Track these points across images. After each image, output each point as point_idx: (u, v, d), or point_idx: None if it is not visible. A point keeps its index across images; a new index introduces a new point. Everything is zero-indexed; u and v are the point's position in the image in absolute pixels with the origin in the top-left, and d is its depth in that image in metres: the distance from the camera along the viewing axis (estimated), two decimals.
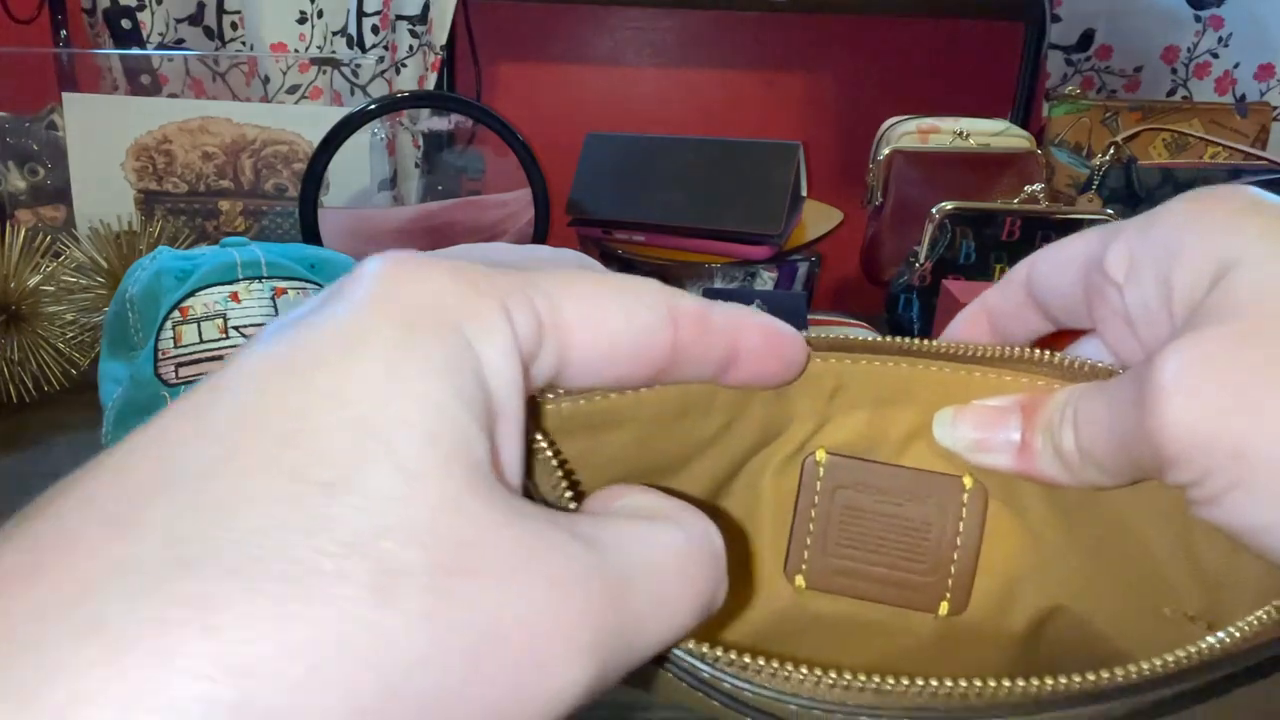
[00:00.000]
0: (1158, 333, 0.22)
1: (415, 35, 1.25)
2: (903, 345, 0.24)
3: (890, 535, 0.26)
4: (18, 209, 0.98)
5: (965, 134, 1.05)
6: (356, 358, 0.14)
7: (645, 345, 0.19)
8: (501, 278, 0.17)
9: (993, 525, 0.26)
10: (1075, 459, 0.22)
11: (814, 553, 0.26)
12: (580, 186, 1.02)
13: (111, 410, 0.55)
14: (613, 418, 0.21)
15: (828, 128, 1.50)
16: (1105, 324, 0.24)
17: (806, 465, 0.26)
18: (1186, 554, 0.22)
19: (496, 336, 0.16)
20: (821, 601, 0.27)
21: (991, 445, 0.24)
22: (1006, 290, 0.27)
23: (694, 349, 0.20)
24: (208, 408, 0.14)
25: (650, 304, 0.19)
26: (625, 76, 1.51)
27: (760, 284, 0.94)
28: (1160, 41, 1.33)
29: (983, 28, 1.48)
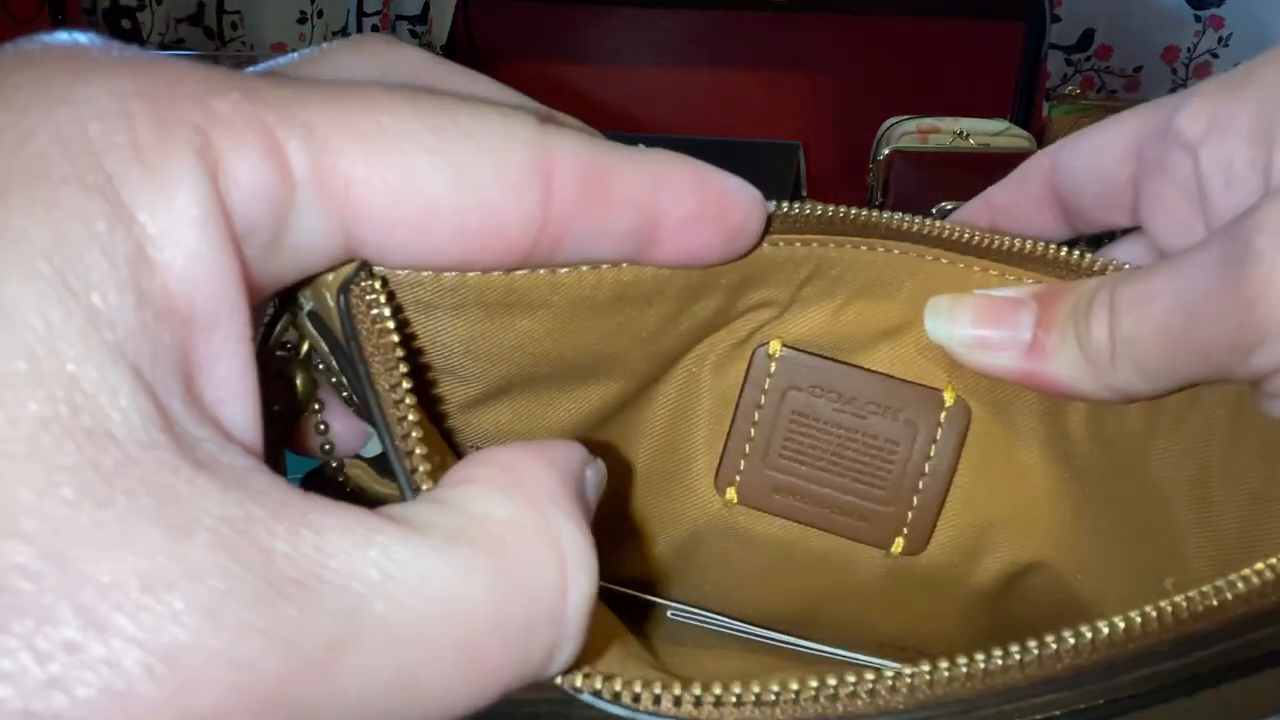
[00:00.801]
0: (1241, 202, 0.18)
1: (415, 35, 1.25)
2: (900, 226, 0.20)
3: (845, 452, 0.22)
4: None
5: (965, 134, 1.05)
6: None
7: (489, 217, 0.13)
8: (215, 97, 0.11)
9: (972, 455, 0.21)
10: (1106, 354, 0.18)
11: (751, 463, 0.22)
12: None
13: None
14: (520, 298, 0.16)
15: (828, 128, 1.50)
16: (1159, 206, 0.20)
17: (756, 357, 0.21)
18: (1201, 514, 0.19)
19: (179, 197, 0.10)
20: (754, 521, 0.22)
21: (994, 343, 0.19)
22: (1021, 184, 0.23)
23: (584, 219, 0.14)
24: None
25: (502, 149, 0.13)
26: (625, 76, 1.51)
27: None
28: (1160, 41, 1.33)
29: (983, 28, 1.48)
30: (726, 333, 0.21)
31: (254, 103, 0.11)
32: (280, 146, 0.11)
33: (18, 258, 0.09)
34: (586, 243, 0.14)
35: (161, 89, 0.10)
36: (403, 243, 0.12)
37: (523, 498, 0.12)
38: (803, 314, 0.21)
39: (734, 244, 0.17)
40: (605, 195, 0.14)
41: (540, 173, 0.13)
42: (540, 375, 0.18)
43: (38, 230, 0.09)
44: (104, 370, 0.09)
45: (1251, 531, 0.18)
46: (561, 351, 0.18)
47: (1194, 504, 0.19)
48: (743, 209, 0.17)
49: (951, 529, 0.22)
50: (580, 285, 0.16)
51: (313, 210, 0.11)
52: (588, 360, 0.19)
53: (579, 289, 0.16)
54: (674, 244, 0.15)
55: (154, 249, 0.10)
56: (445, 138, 0.12)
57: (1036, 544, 0.22)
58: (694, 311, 0.19)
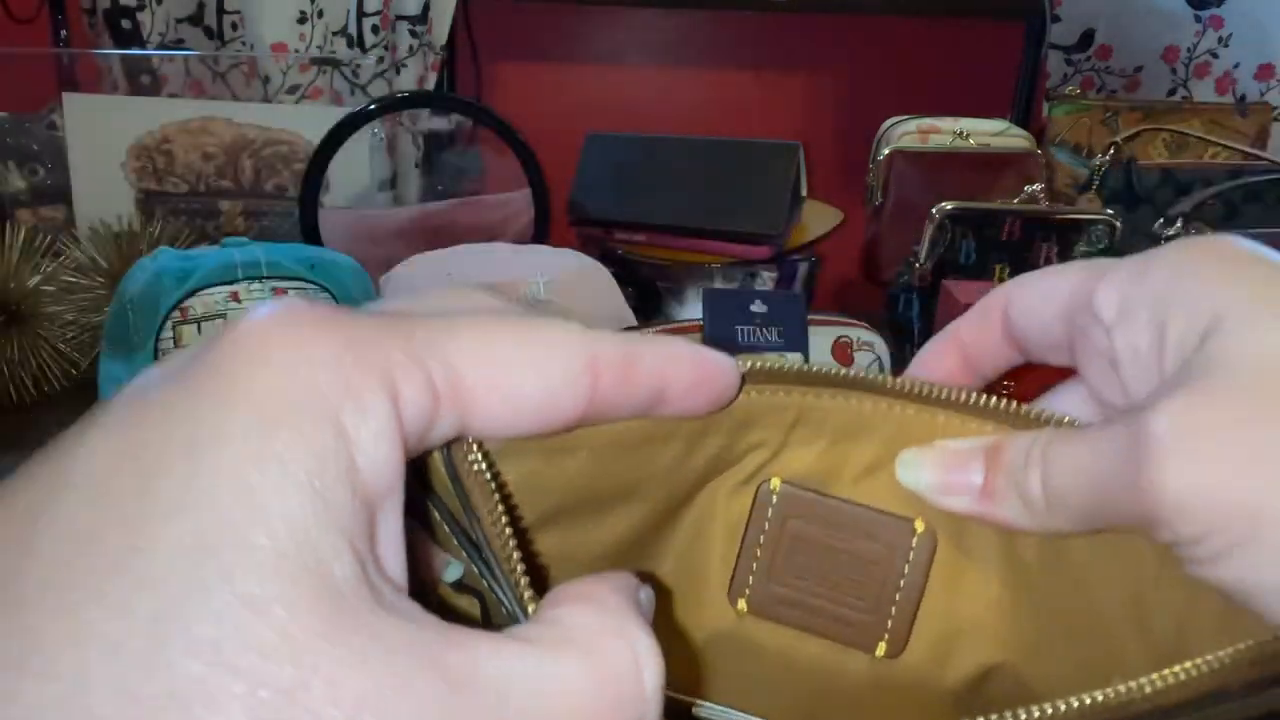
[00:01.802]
0: (1146, 378, 0.22)
1: (415, 35, 1.25)
2: (868, 381, 0.24)
3: (835, 569, 0.26)
4: (18, 209, 0.98)
5: (965, 134, 1.05)
6: (206, 463, 0.13)
7: (559, 400, 0.17)
8: (396, 346, 0.15)
9: (940, 572, 0.26)
10: (1041, 503, 0.21)
11: (759, 578, 0.26)
12: (580, 186, 1.02)
13: None
14: (566, 443, 0.20)
15: (828, 128, 1.50)
16: (1089, 364, 0.24)
17: (760, 491, 0.26)
18: (1139, 624, 0.22)
19: (373, 419, 0.14)
20: (762, 629, 0.27)
21: (953, 487, 0.23)
22: (983, 322, 0.26)
23: (617, 395, 0.18)
24: (40, 513, 0.13)
25: (565, 356, 0.17)
26: (625, 76, 1.51)
27: (760, 284, 0.94)
28: (1160, 41, 1.33)
29: (983, 28, 1.48)
30: (735, 470, 0.26)
31: (415, 347, 0.15)
32: (431, 378, 0.15)
33: (289, 472, 0.13)
34: (617, 411, 0.19)
35: (358, 344, 0.15)
36: (499, 425, 0.17)
37: (602, 612, 0.16)
38: (796, 454, 0.25)
39: (720, 402, 0.22)
40: (632, 378, 0.19)
41: (590, 367, 0.18)
42: (581, 505, 0.22)
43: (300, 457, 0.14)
44: (336, 545, 0.14)
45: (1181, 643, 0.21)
46: (598, 484, 0.22)
47: (1132, 619, 0.22)
48: (725, 378, 0.21)
49: (925, 635, 0.26)
50: (614, 429, 0.21)
51: (448, 414, 0.16)
52: (619, 491, 0.23)
53: (612, 432, 0.21)
54: (677, 405, 0.20)
55: (360, 455, 0.14)
56: (530, 350, 0.17)
57: (997, 649, 0.25)
58: (704, 448, 0.24)
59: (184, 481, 0.13)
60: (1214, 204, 0.90)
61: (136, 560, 0.13)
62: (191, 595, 0.12)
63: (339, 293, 0.58)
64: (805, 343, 0.64)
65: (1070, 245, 0.80)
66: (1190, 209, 0.86)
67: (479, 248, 0.78)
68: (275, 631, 0.12)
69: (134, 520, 0.13)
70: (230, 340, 0.14)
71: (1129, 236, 0.81)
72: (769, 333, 0.63)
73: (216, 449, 0.13)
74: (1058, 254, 0.81)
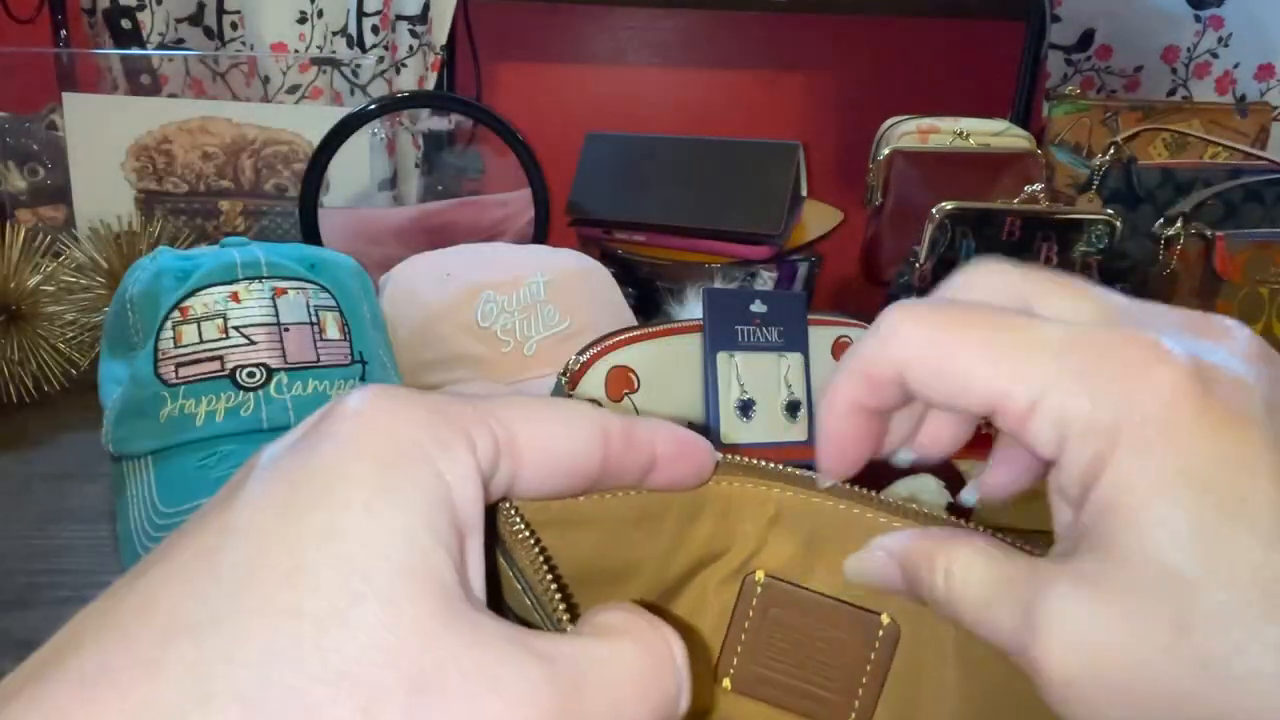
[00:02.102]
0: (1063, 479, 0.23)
1: (415, 35, 1.25)
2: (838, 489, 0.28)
3: (810, 654, 0.29)
4: (18, 209, 0.98)
5: (965, 134, 1.05)
6: (342, 500, 0.17)
7: (582, 460, 0.22)
8: (467, 409, 0.20)
9: (903, 658, 0.29)
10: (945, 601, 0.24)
11: (742, 659, 0.30)
12: (580, 186, 1.02)
13: (111, 410, 0.55)
14: (580, 517, 0.24)
15: (828, 128, 1.50)
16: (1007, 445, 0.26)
17: (746, 583, 0.29)
18: None
19: (461, 465, 0.19)
20: (743, 705, 0.30)
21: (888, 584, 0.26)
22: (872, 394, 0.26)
23: (622, 460, 0.23)
24: (218, 550, 0.17)
25: (586, 425, 0.22)
26: (625, 76, 1.51)
27: (760, 284, 0.94)
28: (1160, 41, 1.33)
29: (983, 28, 1.48)
30: (724, 562, 0.29)
31: (481, 413, 0.20)
32: (495, 433, 0.20)
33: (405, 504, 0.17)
34: (620, 473, 0.23)
35: (441, 410, 0.19)
36: (542, 474, 0.21)
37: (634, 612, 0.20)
38: (777, 548, 0.29)
39: (699, 474, 0.26)
40: (633, 444, 0.23)
41: (603, 433, 0.22)
42: (589, 579, 0.25)
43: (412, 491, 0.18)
44: (445, 560, 0.17)
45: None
46: (604, 560, 0.26)
47: None
48: (702, 452, 0.26)
49: (888, 713, 0.29)
50: (618, 506, 0.25)
51: (506, 464, 0.20)
52: (622, 569, 0.27)
53: (616, 509, 0.25)
54: (665, 472, 0.25)
55: (454, 492, 0.18)
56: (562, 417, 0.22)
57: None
58: (695, 532, 0.28)
59: (328, 515, 0.17)
60: (1214, 204, 0.90)
61: (300, 577, 0.16)
62: (345, 599, 0.16)
63: (339, 293, 0.58)
64: (805, 343, 0.64)
65: (1070, 245, 0.80)
66: (1190, 209, 0.86)
67: (479, 248, 0.78)
68: (409, 622, 0.16)
69: (294, 548, 0.17)
70: (339, 414, 0.19)
71: (1129, 236, 0.81)
72: (769, 333, 0.63)
73: (348, 490, 0.17)
74: (1058, 253, 0.81)
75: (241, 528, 0.17)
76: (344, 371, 0.56)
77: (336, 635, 0.16)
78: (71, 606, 0.17)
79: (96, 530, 0.56)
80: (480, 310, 0.69)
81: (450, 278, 0.71)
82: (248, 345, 0.54)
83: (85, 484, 0.62)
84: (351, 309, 0.59)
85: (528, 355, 0.69)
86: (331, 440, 0.18)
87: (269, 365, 0.54)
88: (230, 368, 0.53)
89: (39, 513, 0.59)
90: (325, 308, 0.57)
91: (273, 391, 0.53)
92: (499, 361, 0.68)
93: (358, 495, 0.17)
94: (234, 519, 0.17)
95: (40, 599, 0.49)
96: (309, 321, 0.56)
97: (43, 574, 0.51)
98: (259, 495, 0.18)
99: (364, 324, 0.60)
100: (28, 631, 0.46)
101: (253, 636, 0.16)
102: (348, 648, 0.16)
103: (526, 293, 0.71)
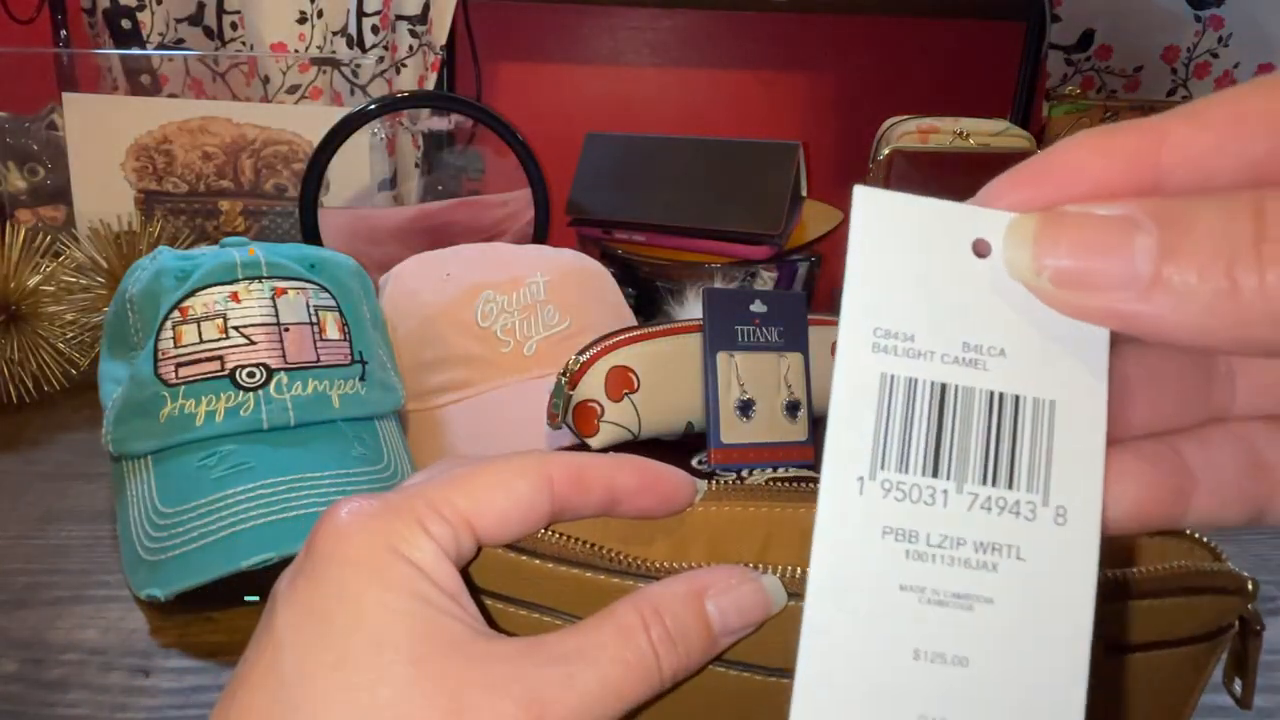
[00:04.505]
0: None
1: (415, 35, 1.25)
2: None
3: None
4: (18, 209, 0.98)
5: (965, 134, 1.05)
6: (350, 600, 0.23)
7: (527, 510, 0.25)
8: (419, 504, 0.24)
9: None
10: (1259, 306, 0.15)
11: None
12: (580, 186, 1.02)
13: (111, 410, 0.55)
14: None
15: (828, 128, 1.50)
16: None
17: None
18: None
19: (426, 551, 0.24)
20: None
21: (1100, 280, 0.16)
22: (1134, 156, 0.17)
23: (575, 497, 0.26)
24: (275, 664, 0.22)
25: (527, 480, 0.25)
26: (625, 76, 1.51)
27: (760, 284, 0.94)
28: (1160, 41, 1.33)
29: (983, 28, 1.48)
30: None
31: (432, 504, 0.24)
32: (444, 514, 0.24)
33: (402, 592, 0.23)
34: (579, 508, 0.26)
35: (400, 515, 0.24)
36: (497, 532, 0.25)
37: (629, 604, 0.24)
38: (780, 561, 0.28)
39: (671, 504, 0.28)
40: (584, 482, 0.26)
41: (545, 479, 0.26)
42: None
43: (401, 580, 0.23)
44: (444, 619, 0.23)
45: None
46: None
47: None
48: (668, 485, 0.28)
49: None
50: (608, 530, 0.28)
51: (464, 532, 0.25)
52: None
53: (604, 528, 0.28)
54: (631, 504, 0.27)
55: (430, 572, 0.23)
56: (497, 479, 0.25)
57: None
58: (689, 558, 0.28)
59: (349, 613, 0.22)
60: None
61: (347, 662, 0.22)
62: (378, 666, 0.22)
63: (339, 293, 0.58)
64: (805, 343, 0.64)
65: None
66: None
67: (479, 248, 0.78)
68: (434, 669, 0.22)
69: (330, 643, 0.22)
70: (324, 534, 0.24)
71: None
72: (769, 333, 0.63)
73: (356, 591, 0.23)
74: None
75: (285, 642, 0.22)
76: (344, 371, 0.56)
77: (384, 693, 0.21)
78: (71, 606, 0.17)
79: (96, 530, 0.56)
80: (480, 310, 0.69)
81: (450, 278, 0.71)
82: (248, 345, 0.54)
83: (85, 484, 0.62)
84: (351, 309, 0.59)
85: (527, 355, 0.69)
86: (324, 557, 0.23)
87: (269, 365, 0.54)
88: (230, 368, 0.53)
89: (39, 513, 0.58)
90: (325, 308, 0.57)
91: (273, 391, 0.53)
92: (499, 361, 0.68)
93: (365, 597, 0.22)
94: (278, 637, 0.22)
95: (40, 599, 0.49)
96: (309, 321, 0.56)
97: (43, 574, 0.51)
98: (288, 618, 0.23)
99: (364, 324, 0.60)
100: (28, 631, 0.46)
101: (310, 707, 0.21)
102: (396, 700, 0.21)
103: (526, 293, 0.71)
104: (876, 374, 0.18)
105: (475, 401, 0.67)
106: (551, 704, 0.22)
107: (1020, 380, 0.18)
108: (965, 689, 0.17)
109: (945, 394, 0.18)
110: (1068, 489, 0.17)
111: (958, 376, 0.18)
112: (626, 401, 0.63)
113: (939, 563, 0.17)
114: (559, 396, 0.62)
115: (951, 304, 0.18)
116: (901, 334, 0.18)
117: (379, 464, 0.54)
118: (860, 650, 0.17)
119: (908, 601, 0.17)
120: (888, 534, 0.17)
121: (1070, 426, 0.17)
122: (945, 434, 0.18)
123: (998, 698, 0.17)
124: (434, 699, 0.21)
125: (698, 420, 0.64)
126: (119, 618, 0.47)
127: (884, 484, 0.17)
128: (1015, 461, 0.17)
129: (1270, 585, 0.53)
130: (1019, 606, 0.17)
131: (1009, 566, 0.17)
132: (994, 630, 0.17)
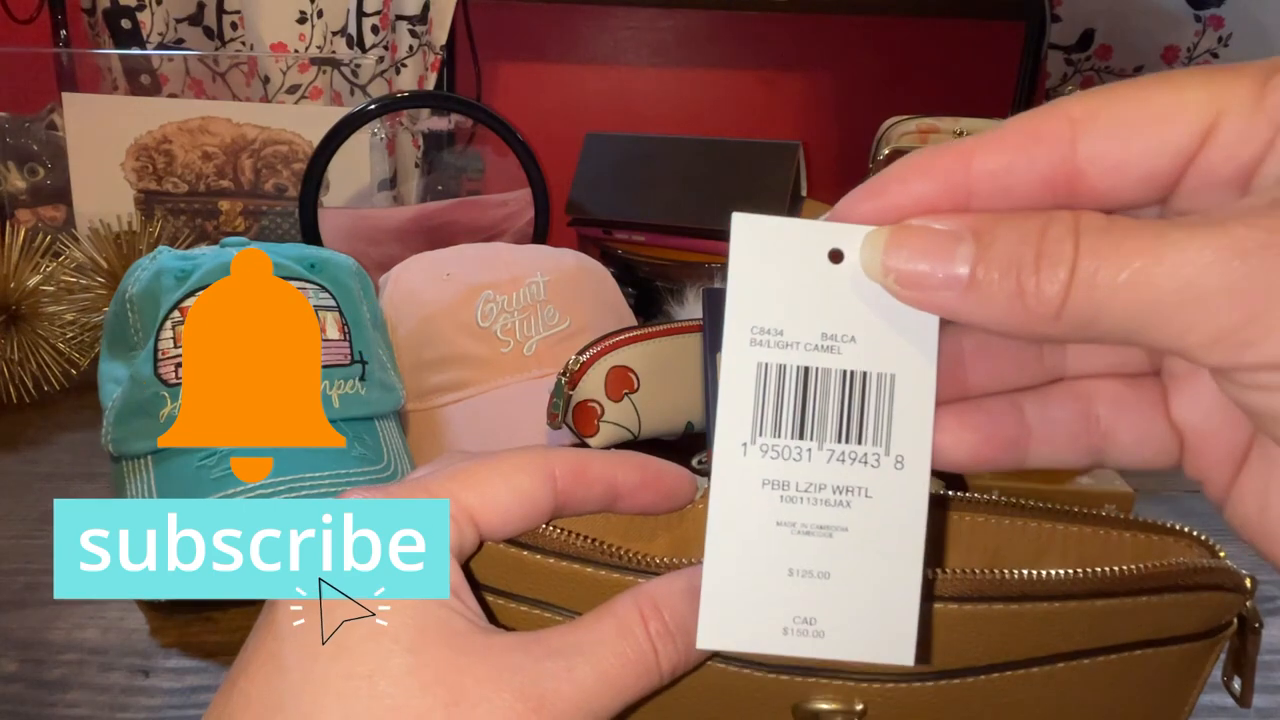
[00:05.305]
0: None
1: (415, 35, 1.25)
2: None
3: None
4: (18, 209, 0.98)
5: (965, 134, 1.05)
6: None
7: (530, 505, 0.25)
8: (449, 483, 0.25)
9: None
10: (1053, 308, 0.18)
11: None
12: (580, 186, 1.02)
13: (111, 410, 0.55)
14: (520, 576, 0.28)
15: (828, 128, 1.50)
16: None
17: None
18: None
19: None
20: None
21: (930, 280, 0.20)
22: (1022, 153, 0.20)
23: (577, 492, 0.26)
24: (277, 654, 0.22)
25: (529, 475, 0.25)
26: (625, 76, 1.51)
27: None
28: (1160, 41, 1.33)
29: (983, 28, 1.48)
30: None
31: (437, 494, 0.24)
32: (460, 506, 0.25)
33: None
34: (581, 503, 0.27)
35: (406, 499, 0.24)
36: (500, 527, 0.25)
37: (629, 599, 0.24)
38: None
39: (672, 499, 0.28)
40: (585, 478, 0.26)
41: (548, 474, 0.26)
42: None
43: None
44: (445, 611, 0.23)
45: None
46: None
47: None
48: (669, 481, 0.28)
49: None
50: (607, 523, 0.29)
51: (468, 527, 0.25)
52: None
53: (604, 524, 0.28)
54: (631, 501, 0.28)
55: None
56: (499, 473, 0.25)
57: None
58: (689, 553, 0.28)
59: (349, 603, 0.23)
60: None
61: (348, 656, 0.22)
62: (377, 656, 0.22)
63: (339, 293, 0.58)
64: None
65: None
66: None
67: (479, 248, 0.78)
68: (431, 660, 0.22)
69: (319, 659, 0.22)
70: None
71: None
72: None
73: None
74: None
75: (287, 666, 0.22)
76: (344, 371, 0.56)
77: (383, 683, 0.21)
78: (71, 606, 0.17)
79: None
80: (480, 310, 0.69)
81: (450, 278, 0.71)
82: None
83: (85, 484, 0.62)
84: (351, 309, 0.59)
85: (527, 355, 0.69)
86: None
87: None
88: None
89: (39, 513, 0.59)
90: (325, 308, 0.57)
91: None
92: (499, 361, 0.68)
93: None
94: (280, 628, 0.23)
95: (40, 599, 0.49)
96: None
97: (43, 574, 0.51)
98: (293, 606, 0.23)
99: (364, 324, 0.60)
100: (28, 631, 0.46)
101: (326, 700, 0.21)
102: (395, 690, 0.21)
103: (526, 293, 0.71)
104: (754, 363, 0.22)
105: (475, 401, 0.67)
106: (550, 697, 0.22)
107: (867, 359, 0.22)
108: (828, 595, 0.22)
109: (808, 375, 0.22)
110: (905, 441, 0.22)
111: (818, 360, 0.22)
112: (626, 401, 0.63)
113: (806, 504, 0.22)
114: (559, 396, 0.62)
115: (812, 303, 0.22)
116: (773, 330, 0.22)
117: (379, 464, 0.54)
118: (749, 570, 0.22)
119: (782, 534, 0.22)
120: (766, 485, 0.22)
121: (907, 393, 0.22)
122: (809, 406, 0.22)
123: (852, 600, 0.22)
124: (433, 690, 0.21)
125: (698, 420, 0.64)
126: (119, 618, 0.47)
127: (762, 447, 0.22)
128: (864, 423, 0.22)
129: (1269, 584, 0.53)
130: (868, 532, 0.22)
131: (860, 503, 0.22)
132: (849, 551, 0.22)
